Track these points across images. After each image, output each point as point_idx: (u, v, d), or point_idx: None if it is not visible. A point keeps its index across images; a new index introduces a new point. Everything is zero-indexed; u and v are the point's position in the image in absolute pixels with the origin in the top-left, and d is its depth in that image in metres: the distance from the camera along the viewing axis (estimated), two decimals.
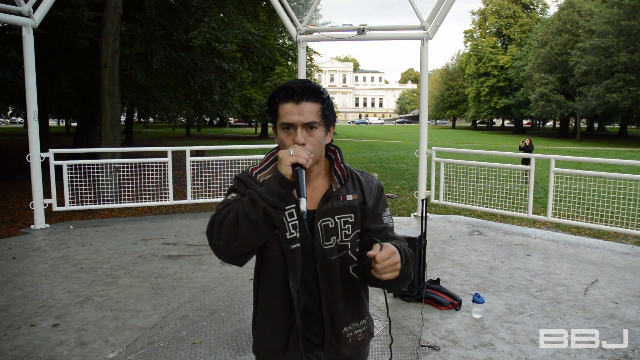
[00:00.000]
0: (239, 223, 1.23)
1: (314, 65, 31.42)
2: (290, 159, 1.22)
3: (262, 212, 1.21)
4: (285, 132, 1.31)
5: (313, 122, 1.30)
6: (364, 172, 1.48)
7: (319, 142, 1.33)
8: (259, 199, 1.22)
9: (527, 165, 6.39)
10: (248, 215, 1.22)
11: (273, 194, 1.22)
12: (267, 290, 1.41)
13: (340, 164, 1.42)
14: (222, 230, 1.25)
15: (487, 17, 56.92)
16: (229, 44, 11.43)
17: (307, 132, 1.30)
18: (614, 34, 31.85)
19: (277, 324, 1.40)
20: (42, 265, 4.81)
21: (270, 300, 1.41)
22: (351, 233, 1.39)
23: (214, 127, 59.93)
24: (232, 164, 7.47)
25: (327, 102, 1.34)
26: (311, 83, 1.32)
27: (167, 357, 3.03)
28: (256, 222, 1.22)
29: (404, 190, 12.36)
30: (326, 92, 1.35)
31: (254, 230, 1.23)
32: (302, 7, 18.98)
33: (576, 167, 9.70)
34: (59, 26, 10.44)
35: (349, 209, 1.38)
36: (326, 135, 1.37)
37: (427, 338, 3.29)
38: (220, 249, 1.28)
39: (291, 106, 1.29)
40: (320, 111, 1.32)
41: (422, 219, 4.22)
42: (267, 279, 1.41)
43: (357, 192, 1.41)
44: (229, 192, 1.37)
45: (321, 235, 1.36)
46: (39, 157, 6.25)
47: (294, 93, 1.29)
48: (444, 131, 58.37)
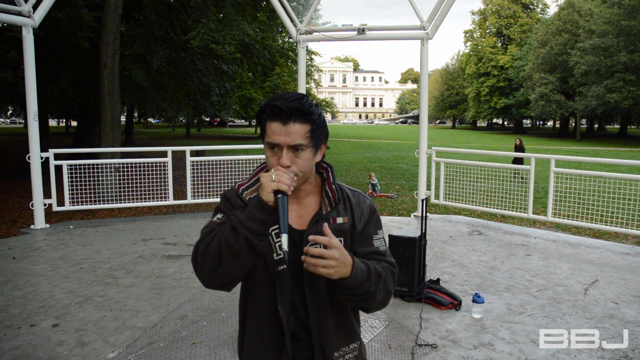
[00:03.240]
0: (221, 253, 1.19)
1: (313, 65, 31.39)
2: (271, 185, 1.16)
3: (245, 241, 1.17)
4: (271, 151, 1.25)
5: (300, 145, 1.22)
6: (356, 192, 1.41)
7: (306, 163, 1.25)
8: (241, 227, 1.17)
9: (527, 166, 6.39)
10: (230, 244, 1.18)
11: (255, 221, 1.17)
12: (255, 314, 1.36)
13: (332, 184, 1.35)
14: (206, 260, 1.22)
15: (487, 17, 56.93)
16: (227, 46, 11.42)
17: (293, 153, 1.23)
18: (614, 34, 31.85)
19: (267, 350, 1.34)
20: (42, 265, 4.81)
21: (259, 325, 1.35)
22: None
23: (214, 127, 59.94)
24: (232, 164, 7.47)
25: (318, 122, 1.25)
26: (302, 101, 1.23)
27: (167, 357, 3.03)
28: (239, 251, 1.18)
29: (404, 190, 12.36)
30: (317, 111, 1.25)
31: (238, 259, 1.19)
32: (302, 7, 18.97)
33: (576, 167, 9.70)
34: (59, 26, 10.44)
35: (338, 232, 1.32)
36: (315, 155, 1.29)
37: (427, 338, 3.29)
38: (205, 278, 1.25)
39: (278, 126, 1.21)
40: (309, 132, 1.23)
41: (422, 219, 4.22)
42: (255, 302, 1.35)
43: (347, 214, 1.35)
44: (216, 212, 1.33)
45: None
46: (39, 157, 6.25)
47: (281, 113, 1.20)
48: (444, 131, 58.38)
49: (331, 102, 61.96)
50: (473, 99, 57.51)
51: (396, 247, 3.91)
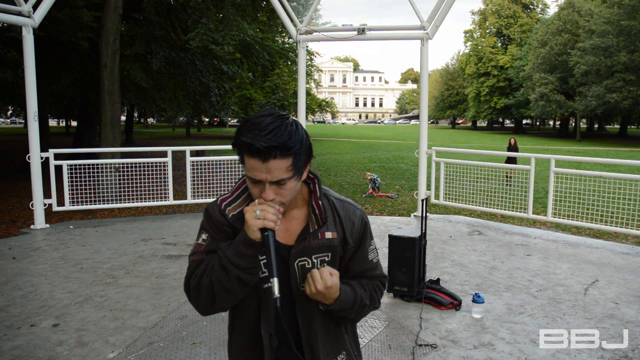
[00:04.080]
0: (214, 291, 1.21)
1: (313, 65, 31.41)
2: (257, 224, 1.14)
3: (236, 279, 1.18)
4: (252, 182, 1.18)
5: (282, 179, 1.15)
6: (345, 202, 1.36)
7: (291, 192, 1.20)
8: (231, 266, 1.17)
9: (527, 166, 6.38)
10: (222, 284, 1.19)
11: (244, 257, 1.17)
12: (240, 326, 1.36)
13: (319, 200, 1.29)
14: (200, 296, 1.23)
15: (487, 17, 56.91)
16: (226, 46, 11.42)
17: (276, 186, 1.16)
18: (614, 34, 31.85)
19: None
20: (42, 265, 4.81)
21: (243, 337, 1.35)
22: None
23: (214, 127, 59.95)
24: (232, 164, 7.47)
25: (299, 152, 1.16)
26: (279, 135, 1.12)
27: (167, 357, 3.03)
28: (231, 289, 1.20)
29: (404, 190, 12.36)
30: (297, 139, 1.15)
31: (231, 295, 1.22)
32: (302, 7, 18.97)
33: (576, 167, 9.69)
34: (59, 26, 10.44)
35: (326, 247, 1.30)
36: (300, 180, 1.22)
37: (427, 338, 3.29)
38: (201, 310, 1.28)
39: (257, 163, 1.13)
40: (292, 165, 1.15)
41: (422, 219, 4.22)
42: (240, 318, 1.36)
43: (336, 229, 1.30)
44: (200, 231, 1.31)
45: (298, 276, 1.28)
46: (39, 157, 6.25)
47: (259, 153, 1.11)
48: (444, 131, 58.38)
49: (331, 102, 61.95)
50: (473, 99, 57.51)
51: (396, 247, 3.91)
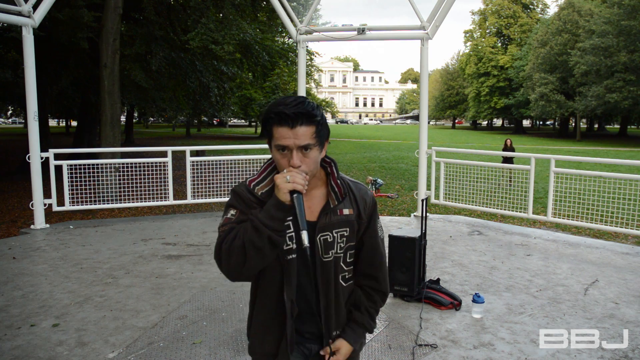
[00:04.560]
0: (246, 251, 1.31)
1: (313, 65, 31.38)
2: (287, 187, 1.28)
3: (267, 239, 1.30)
4: (280, 153, 1.34)
5: (308, 145, 1.32)
6: (357, 183, 1.53)
7: (314, 161, 1.36)
8: (263, 227, 1.29)
9: (527, 166, 6.38)
10: (254, 243, 1.30)
11: (274, 220, 1.30)
12: (263, 297, 1.48)
13: (337, 179, 1.46)
14: (231, 258, 1.33)
15: (487, 17, 56.90)
16: (226, 46, 11.41)
17: (302, 153, 1.32)
18: (614, 34, 31.83)
19: (270, 330, 1.48)
20: (42, 265, 4.81)
21: (266, 307, 1.48)
22: (345, 245, 1.48)
23: (214, 127, 59.94)
24: (232, 164, 7.46)
25: (321, 122, 1.36)
26: (304, 105, 1.32)
27: (167, 357, 3.03)
28: (262, 248, 1.30)
29: (404, 190, 12.36)
30: (319, 112, 1.35)
31: (261, 255, 1.32)
32: (302, 7, 18.97)
33: (576, 167, 9.69)
34: (59, 26, 10.44)
35: (345, 223, 1.46)
36: (321, 152, 1.39)
37: (427, 338, 3.29)
38: (232, 274, 1.38)
39: (286, 130, 1.30)
40: (315, 133, 1.33)
41: (422, 219, 4.22)
42: (264, 287, 1.47)
43: (352, 206, 1.48)
44: (227, 208, 1.43)
45: (321, 248, 1.44)
46: (39, 157, 6.25)
47: (288, 118, 1.29)
48: (444, 131, 58.37)
49: (331, 102, 61.93)
50: (473, 99, 57.48)
51: (396, 247, 3.91)
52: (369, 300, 1.58)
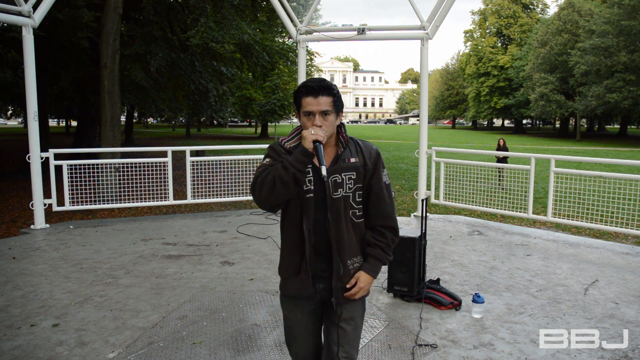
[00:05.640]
0: (275, 184, 1.73)
1: (313, 65, 31.39)
2: (311, 137, 1.73)
3: (292, 175, 1.72)
4: (307, 117, 1.81)
5: (327, 110, 1.80)
6: (364, 140, 1.97)
7: (331, 124, 1.82)
8: (290, 166, 1.72)
9: (527, 166, 6.38)
10: (282, 178, 1.72)
11: (299, 162, 1.73)
12: (288, 227, 1.91)
13: (344, 134, 1.91)
14: (263, 189, 1.76)
15: (487, 17, 56.88)
16: (226, 44, 11.40)
17: (322, 117, 1.79)
18: (614, 34, 31.82)
19: (294, 253, 1.89)
20: (42, 265, 4.81)
21: (290, 235, 1.90)
22: (353, 187, 1.88)
23: (214, 127, 59.95)
24: (232, 164, 7.46)
25: (337, 95, 1.84)
26: (325, 82, 1.81)
27: (167, 357, 3.03)
28: (288, 182, 1.72)
29: (404, 190, 12.36)
30: (336, 88, 1.85)
31: (286, 187, 1.73)
32: (302, 7, 18.96)
33: (576, 167, 9.70)
34: (59, 26, 10.43)
35: (352, 168, 1.88)
36: (336, 119, 1.85)
37: (427, 338, 3.29)
38: (262, 201, 1.79)
39: (311, 99, 1.79)
40: (332, 102, 1.81)
41: (422, 219, 4.22)
42: (289, 220, 1.90)
43: (358, 156, 1.90)
44: (265, 158, 1.88)
45: (331, 188, 1.84)
46: (39, 157, 6.25)
47: (313, 90, 1.78)
48: (444, 131, 58.35)
49: None
50: (473, 99, 57.47)
51: (396, 247, 3.89)
52: (380, 235, 1.94)
